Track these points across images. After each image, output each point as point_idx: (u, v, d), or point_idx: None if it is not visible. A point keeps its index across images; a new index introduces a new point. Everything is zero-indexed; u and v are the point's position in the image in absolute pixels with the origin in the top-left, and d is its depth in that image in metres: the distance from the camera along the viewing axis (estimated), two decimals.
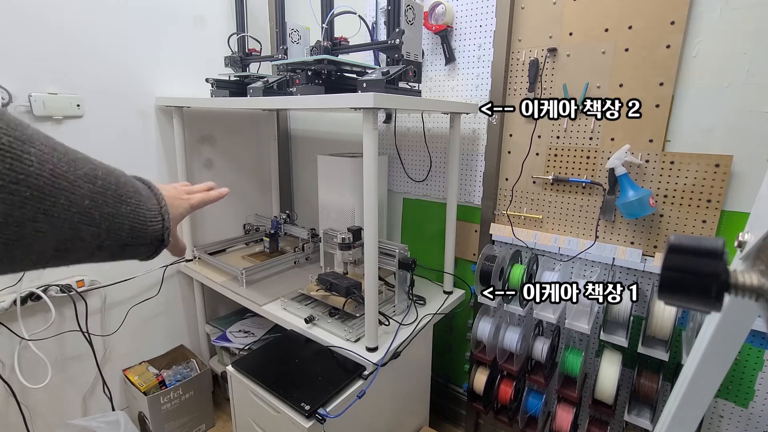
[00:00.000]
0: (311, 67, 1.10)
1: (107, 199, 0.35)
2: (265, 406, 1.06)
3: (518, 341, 1.26)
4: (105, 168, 0.36)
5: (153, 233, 0.41)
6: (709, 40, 1.00)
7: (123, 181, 0.38)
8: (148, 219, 0.40)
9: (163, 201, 0.42)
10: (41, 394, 1.38)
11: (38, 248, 0.30)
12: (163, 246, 0.43)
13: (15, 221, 0.27)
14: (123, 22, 1.44)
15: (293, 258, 1.67)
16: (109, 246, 0.37)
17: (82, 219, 0.32)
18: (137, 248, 0.40)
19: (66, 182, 0.30)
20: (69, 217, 0.31)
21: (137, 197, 0.39)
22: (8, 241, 0.27)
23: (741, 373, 1.07)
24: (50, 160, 0.29)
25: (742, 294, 0.32)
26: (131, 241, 0.38)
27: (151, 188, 0.43)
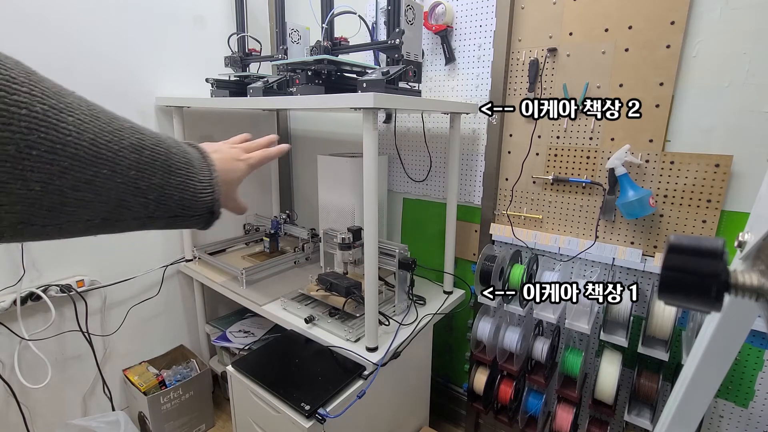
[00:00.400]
0: (311, 67, 1.10)
1: (155, 170, 0.34)
2: (265, 406, 1.06)
3: (518, 341, 1.26)
4: (155, 138, 0.35)
5: (203, 205, 0.40)
6: (709, 40, 1.00)
7: (174, 151, 0.37)
8: (198, 191, 0.39)
9: (215, 172, 0.41)
10: (41, 394, 1.37)
11: (85, 216, 0.30)
12: (214, 218, 0.42)
13: (56, 189, 0.27)
14: (123, 22, 1.44)
15: (293, 258, 1.67)
16: (159, 216, 0.37)
17: (128, 189, 0.32)
18: (188, 219, 0.40)
19: (109, 152, 0.30)
20: (114, 186, 0.31)
21: (188, 168, 0.38)
22: (52, 207, 0.27)
23: (741, 373, 1.07)
24: (91, 129, 0.29)
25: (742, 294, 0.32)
26: (181, 212, 0.38)
27: (205, 157, 0.41)
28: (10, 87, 0.24)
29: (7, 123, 0.23)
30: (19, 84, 0.25)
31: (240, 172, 0.48)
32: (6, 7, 1.18)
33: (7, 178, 0.24)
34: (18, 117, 0.24)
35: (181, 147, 0.39)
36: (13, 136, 0.24)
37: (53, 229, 0.29)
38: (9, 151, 0.24)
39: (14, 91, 0.24)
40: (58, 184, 0.27)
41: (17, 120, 0.24)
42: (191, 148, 0.41)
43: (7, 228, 0.26)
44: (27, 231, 0.28)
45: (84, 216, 0.30)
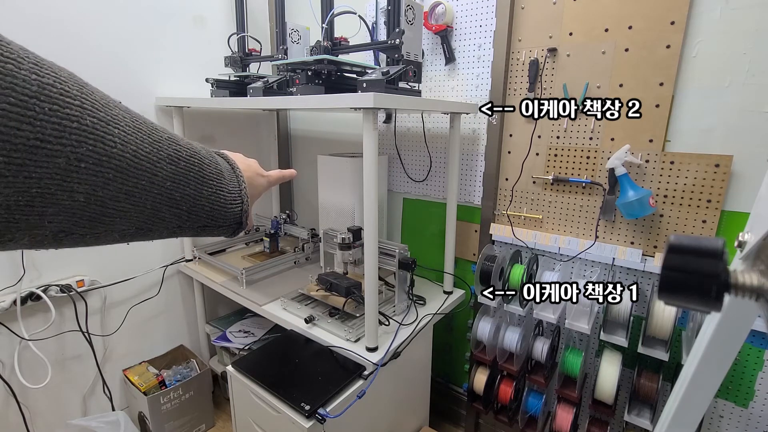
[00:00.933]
0: (311, 67, 1.10)
1: (189, 181, 0.35)
2: (265, 406, 1.06)
3: (518, 341, 1.26)
4: (190, 149, 0.36)
5: (232, 216, 0.41)
6: (709, 40, 1.00)
7: (207, 162, 0.38)
8: (228, 202, 0.40)
9: (243, 184, 0.42)
10: (41, 394, 1.38)
11: (121, 226, 0.31)
12: (241, 228, 0.43)
13: (98, 200, 0.28)
14: (123, 22, 1.44)
15: (293, 258, 1.67)
16: (189, 227, 0.37)
17: (164, 200, 0.33)
18: (216, 229, 0.40)
19: (149, 164, 0.31)
20: (151, 197, 0.32)
21: (219, 179, 0.39)
22: (93, 218, 0.28)
23: (741, 373, 1.07)
24: (133, 141, 0.29)
25: (742, 294, 0.32)
26: (210, 223, 0.39)
27: (234, 169, 0.42)
28: (63, 101, 0.24)
29: (59, 136, 0.24)
30: (71, 97, 0.25)
31: (261, 188, 0.49)
32: (6, 7, 1.18)
33: (56, 189, 0.25)
34: (69, 130, 0.24)
35: (213, 158, 0.39)
36: (64, 149, 0.24)
37: (91, 238, 0.30)
38: (60, 164, 0.24)
39: (67, 104, 0.25)
40: (101, 195, 0.28)
41: (68, 133, 0.24)
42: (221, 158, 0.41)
43: (49, 237, 0.27)
44: (67, 240, 0.28)
45: (121, 226, 0.31)
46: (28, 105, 0.23)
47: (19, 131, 0.22)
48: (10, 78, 0.22)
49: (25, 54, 0.23)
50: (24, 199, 0.23)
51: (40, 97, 0.23)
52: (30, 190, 0.23)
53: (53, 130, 0.24)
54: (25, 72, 0.23)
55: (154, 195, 0.32)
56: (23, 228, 0.25)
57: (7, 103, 0.22)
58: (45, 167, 0.24)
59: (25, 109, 0.22)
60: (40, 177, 0.24)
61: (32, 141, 0.23)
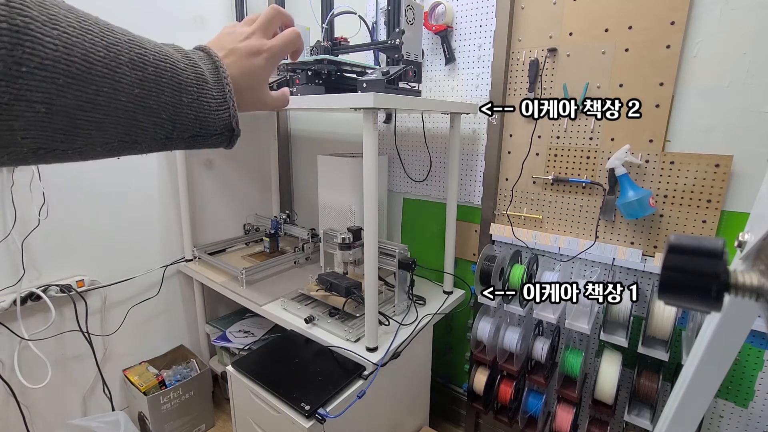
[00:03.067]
0: (311, 67, 1.10)
1: (162, 87, 0.33)
2: (265, 406, 1.06)
3: (518, 341, 1.26)
4: (159, 52, 0.33)
5: (221, 122, 0.38)
6: (709, 41, 1.00)
7: (181, 66, 0.35)
8: (213, 108, 0.37)
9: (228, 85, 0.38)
10: (41, 394, 1.37)
11: (101, 139, 0.30)
12: (234, 135, 0.40)
13: (61, 111, 0.27)
14: (123, 21, 1.43)
15: (293, 258, 1.67)
16: (178, 137, 0.35)
17: (138, 108, 0.31)
18: (209, 138, 0.38)
19: (106, 69, 0.29)
20: (121, 106, 0.30)
21: (199, 84, 0.36)
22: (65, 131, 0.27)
23: (741, 373, 1.07)
24: (80, 44, 0.27)
25: (742, 294, 0.32)
26: (200, 131, 0.37)
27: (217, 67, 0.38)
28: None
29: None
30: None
31: (260, 70, 0.43)
32: None
33: (8, 99, 0.24)
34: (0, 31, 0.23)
35: (190, 60, 0.36)
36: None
37: (74, 153, 0.29)
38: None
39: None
40: (60, 104, 0.26)
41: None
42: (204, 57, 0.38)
43: (29, 154, 0.27)
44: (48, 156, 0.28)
45: (100, 138, 0.30)
46: None
47: None
48: None
49: None
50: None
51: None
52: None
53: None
54: None
55: (123, 103, 0.30)
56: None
57: None
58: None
59: None
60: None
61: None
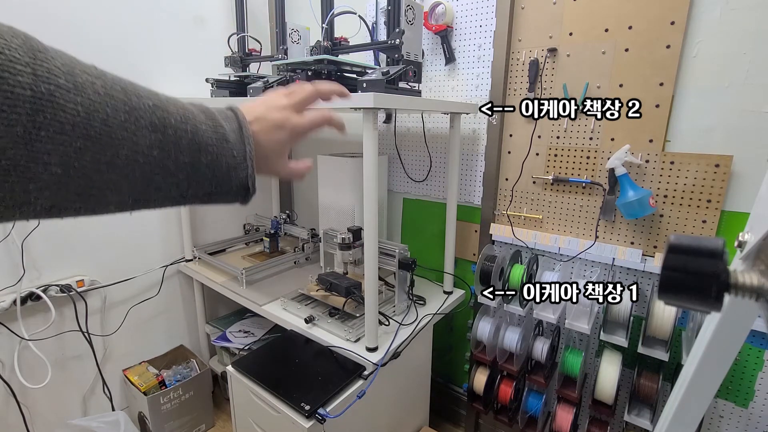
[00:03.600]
0: (311, 67, 1.10)
1: (181, 149, 0.33)
2: (265, 406, 1.06)
3: (518, 341, 1.26)
4: (183, 115, 0.34)
5: (237, 182, 0.38)
6: (709, 41, 1.00)
7: (203, 128, 0.35)
8: (231, 168, 0.37)
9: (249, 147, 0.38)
10: (41, 394, 1.37)
11: (115, 198, 0.30)
12: (250, 194, 0.40)
13: (78, 172, 0.27)
14: (123, 21, 1.44)
15: (293, 258, 1.67)
16: (192, 194, 0.36)
17: (155, 170, 0.32)
18: (223, 196, 0.38)
19: (125, 132, 0.29)
20: (138, 167, 0.31)
21: (219, 145, 0.36)
22: (80, 191, 0.28)
23: (741, 373, 1.07)
24: (102, 109, 0.28)
25: (742, 294, 0.32)
26: (215, 189, 0.37)
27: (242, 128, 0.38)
28: (14, 68, 0.24)
29: (13, 105, 0.24)
30: (22, 65, 0.25)
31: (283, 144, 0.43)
32: (5, 8, 1.18)
33: (26, 161, 0.25)
34: (23, 98, 0.24)
35: (214, 120, 0.37)
36: (20, 118, 0.24)
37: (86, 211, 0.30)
38: (18, 132, 0.24)
39: (18, 72, 0.24)
40: (78, 165, 0.27)
41: (22, 102, 0.24)
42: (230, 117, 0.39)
43: (41, 211, 0.27)
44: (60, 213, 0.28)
45: (114, 198, 0.30)
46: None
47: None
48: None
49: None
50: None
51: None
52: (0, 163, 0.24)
53: (5, 99, 0.23)
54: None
55: (140, 164, 0.31)
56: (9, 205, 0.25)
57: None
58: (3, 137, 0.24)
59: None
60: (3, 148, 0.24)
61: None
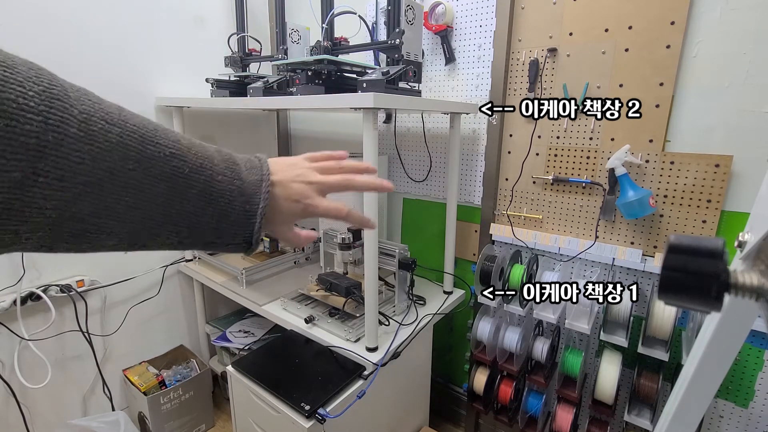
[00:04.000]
0: (311, 67, 1.10)
1: (188, 198, 0.32)
2: (265, 407, 1.06)
3: (518, 341, 1.26)
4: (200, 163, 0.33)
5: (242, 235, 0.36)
6: (709, 41, 1.00)
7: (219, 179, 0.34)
8: (239, 221, 0.36)
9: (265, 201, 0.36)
10: (41, 394, 1.37)
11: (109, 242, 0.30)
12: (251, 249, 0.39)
13: (73, 217, 0.27)
14: (123, 21, 1.44)
15: (293, 258, 1.67)
16: (192, 242, 0.35)
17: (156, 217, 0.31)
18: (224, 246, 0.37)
19: (132, 180, 0.29)
20: (139, 214, 0.30)
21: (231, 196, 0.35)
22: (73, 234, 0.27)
23: (741, 373, 1.07)
24: (110, 158, 0.28)
25: (742, 294, 0.32)
26: (216, 240, 0.36)
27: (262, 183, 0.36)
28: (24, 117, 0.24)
29: (14, 153, 0.24)
30: (34, 113, 0.24)
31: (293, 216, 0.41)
32: (5, 8, 1.18)
33: (20, 205, 0.24)
34: (26, 146, 0.24)
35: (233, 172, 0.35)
36: (19, 164, 0.24)
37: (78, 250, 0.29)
38: (15, 178, 0.24)
39: (27, 120, 0.24)
40: (73, 210, 0.27)
41: (25, 149, 0.24)
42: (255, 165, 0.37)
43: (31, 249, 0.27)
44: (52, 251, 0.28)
45: (108, 242, 0.30)
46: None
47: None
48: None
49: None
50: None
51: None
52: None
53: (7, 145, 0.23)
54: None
55: (143, 212, 0.30)
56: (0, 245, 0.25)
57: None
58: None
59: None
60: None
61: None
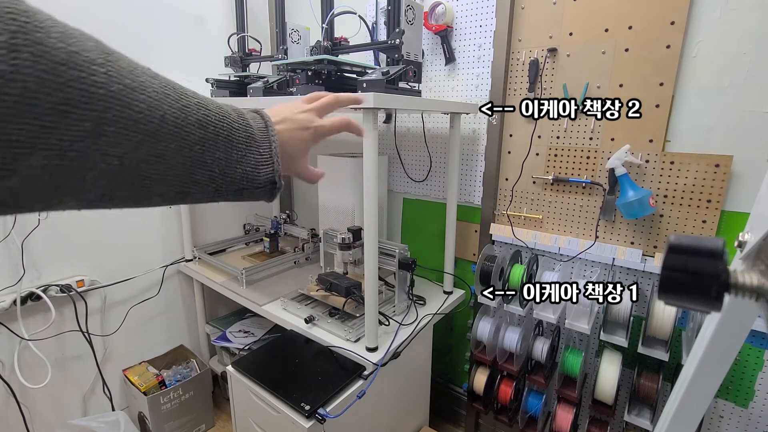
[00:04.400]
0: (311, 67, 1.10)
1: (218, 145, 0.36)
2: (265, 407, 1.06)
3: (518, 341, 1.26)
4: (219, 113, 0.37)
5: (264, 176, 0.41)
6: (709, 40, 1.00)
7: (236, 126, 0.38)
8: (259, 163, 0.40)
9: (275, 144, 0.42)
10: (41, 394, 1.37)
11: (159, 190, 0.33)
12: (277, 189, 0.43)
13: (131, 163, 0.29)
14: (123, 21, 1.44)
15: (293, 258, 1.67)
16: (226, 189, 0.38)
17: (195, 163, 0.34)
18: (253, 191, 0.41)
19: (176, 128, 0.32)
20: (182, 161, 0.33)
21: (248, 142, 0.39)
22: (131, 181, 0.30)
23: (741, 373, 1.07)
24: (160, 106, 0.31)
25: (742, 294, 0.32)
26: (246, 185, 0.40)
27: (268, 128, 0.42)
28: (90, 68, 0.26)
29: (87, 102, 0.26)
30: (98, 65, 0.27)
31: (304, 143, 0.48)
32: None
33: (90, 152, 0.27)
34: (97, 96, 0.26)
35: (244, 120, 0.40)
36: (92, 114, 0.26)
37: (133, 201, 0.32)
38: (87, 128, 0.26)
39: (93, 71, 0.26)
40: (132, 158, 0.29)
41: (95, 99, 0.26)
42: (256, 118, 0.42)
43: (94, 200, 0.29)
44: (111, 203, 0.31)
45: (159, 189, 0.33)
46: (57, 72, 0.24)
47: (51, 96, 0.24)
48: (41, 46, 0.23)
49: (52, 24, 0.25)
50: (64, 162, 0.25)
51: (69, 65, 0.25)
52: (66, 153, 0.25)
53: (81, 96, 0.25)
54: (53, 40, 0.24)
55: (184, 157, 0.33)
56: (68, 192, 0.27)
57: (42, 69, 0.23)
58: (75, 131, 0.25)
59: (56, 75, 0.24)
60: (73, 140, 0.25)
61: (62, 106, 0.24)
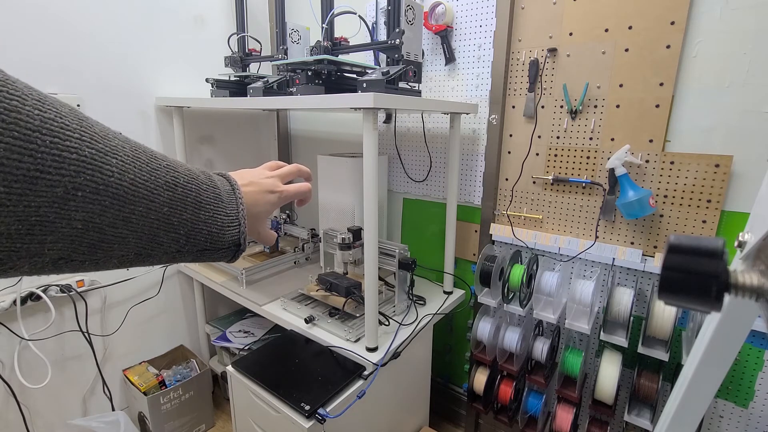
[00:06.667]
0: (311, 67, 1.10)
1: (186, 206, 0.36)
2: (265, 407, 1.06)
3: (518, 341, 1.26)
4: (188, 174, 0.37)
5: (230, 238, 0.41)
6: (709, 40, 1.00)
7: (204, 187, 0.38)
8: (225, 225, 0.40)
9: (242, 206, 0.42)
10: (41, 394, 1.37)
11: (120, 252, 0.32)
12: (240, 251, 0.43)
13: (95, 227, 0.29)
14: (123, 21, 1.44)
15: (293, 258, 1.67)
16: (188, 251, 0.38)
17: (162, 225, 0.34)
18: (215, 252, 0.41)
19: (146, 191, 0.32)
20: (148, 223, 0.33)
21: (215, 203, 0.39)
22: (91, 244, 0.29)
23: (741, 373, 1.07)
24: (131, 170, 0.31)
25: (742, 294, 0.32)
26: (209, 246, 0.39)
27: (234, 191, 0.42)
28: (63, 134, 0.26)
29: (59, 167, 0.25)
30: (71, 131, 0.27)
31: (270, 205, 0.48)
32: (6, 7, 1.18)
33: (54, 217, 0.26)
34: (68, 161, 0.26)
35: (211, 181, 0.40)
36: (63, 179, 0.26)
37: (90, 264, 0.31)
38: (58, 193, 0.26)
39: (66, 137, 0.26)
40: (98, 222, 0.29)
41: (67, 164, 0.26)
42: (223, 180, 0.42)
43: (48, 264, 0.28)
44: (66, 267, 0.30)
45: (119, 252, 0.32)
46: (30, 138, 0.24)
47: (21, 163, 0.24)
48: (15, 113, 0.23)
49: (29, 91, 0.25)
50: (24, 227, 0.25)
51: (42, 131, 0.25)
52: (29, 219, 0.25)
53: (53, 161, 0.25)
54: (29, 108, 0.24)
55: (151, 221, 0.33)
56: (24, 256, 0.26)
57: (11, 137, 0.23)
58: (44, 196, 0.25)
59: (28, 142, 0.24)
60: (39, 206, 0.25)
61: (33, 172, 0.24)
